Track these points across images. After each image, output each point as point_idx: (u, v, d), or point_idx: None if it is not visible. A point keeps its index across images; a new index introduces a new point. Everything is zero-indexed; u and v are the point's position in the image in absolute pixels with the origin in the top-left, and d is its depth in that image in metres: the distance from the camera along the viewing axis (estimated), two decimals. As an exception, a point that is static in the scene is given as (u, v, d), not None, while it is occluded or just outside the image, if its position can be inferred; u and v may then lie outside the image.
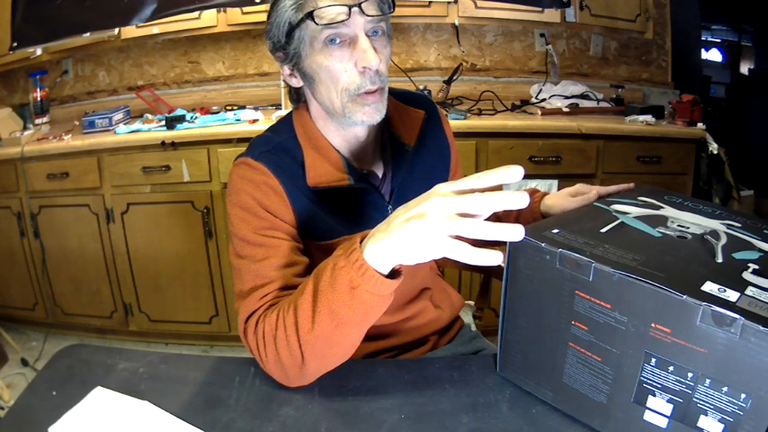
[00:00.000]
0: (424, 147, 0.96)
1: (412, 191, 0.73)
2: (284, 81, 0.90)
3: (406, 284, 0.74)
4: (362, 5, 0.77)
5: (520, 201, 0.55)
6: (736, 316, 0.52)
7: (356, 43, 0.78)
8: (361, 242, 0.65)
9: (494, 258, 0.55)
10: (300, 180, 0.85)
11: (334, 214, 0.87)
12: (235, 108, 2.45)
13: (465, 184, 0.58)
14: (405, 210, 0.60)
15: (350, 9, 0.76)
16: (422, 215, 0.57)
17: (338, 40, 0.78)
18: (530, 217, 1.03)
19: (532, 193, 1.06)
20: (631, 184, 0.96)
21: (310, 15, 0.77)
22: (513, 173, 0.56)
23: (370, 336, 0.76)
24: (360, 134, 0.89)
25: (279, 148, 0.86)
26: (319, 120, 0.89)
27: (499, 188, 0.60)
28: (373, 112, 0.82)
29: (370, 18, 0.78)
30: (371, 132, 0.91)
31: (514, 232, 0.55)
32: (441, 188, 0.59)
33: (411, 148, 0.93)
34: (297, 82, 0.87)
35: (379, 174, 0.93)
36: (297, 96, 0.91)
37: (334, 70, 0.80)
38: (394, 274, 0.66)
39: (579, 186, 1.00)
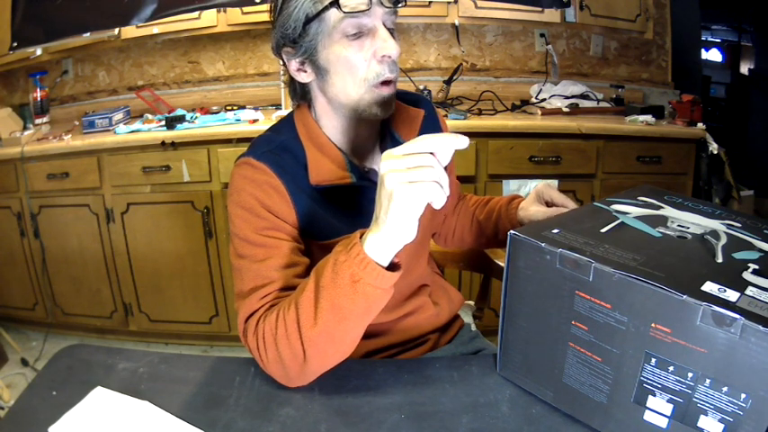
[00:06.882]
0: None
1: None
2: (288, 77, 0.90)
3: (403, 280, 0.75)
4: None
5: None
6: (737, 316, 0.52)
7: (375, 33, 0.80)
8: (360, 237, 0.68)
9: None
10: (302, 179, 0.85)
11: (337, 213, 0.87)
12: (235, 108, 2.44)
13: (412, 147, 0.64)
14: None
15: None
16: (381, 180, 0.64)
17: (357, 31, 0.80)
18: (508, 225, 1.03)
19: (513, 198, 1.07)
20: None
21: (335, 3, 0.78)
22: (461, 141, 0.63)
23: (370, 333, 0.76)
24: (363, 131, 0.89)
25: (281, 148, 0.86)
26: (323, 117, 0.89)
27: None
28: (387, 106, 0.85)
29: (388, 9, 0.81)
30: (373, 130, 0.91)
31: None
32: (388, 151, 0.65)
33: None
34: (306, 77, 0.87)
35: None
36: (302, 93, 0.90)
37: (354, 60, 0.81)
38: (394, 267, 0.69)
39: (543, 188, 0.99)
